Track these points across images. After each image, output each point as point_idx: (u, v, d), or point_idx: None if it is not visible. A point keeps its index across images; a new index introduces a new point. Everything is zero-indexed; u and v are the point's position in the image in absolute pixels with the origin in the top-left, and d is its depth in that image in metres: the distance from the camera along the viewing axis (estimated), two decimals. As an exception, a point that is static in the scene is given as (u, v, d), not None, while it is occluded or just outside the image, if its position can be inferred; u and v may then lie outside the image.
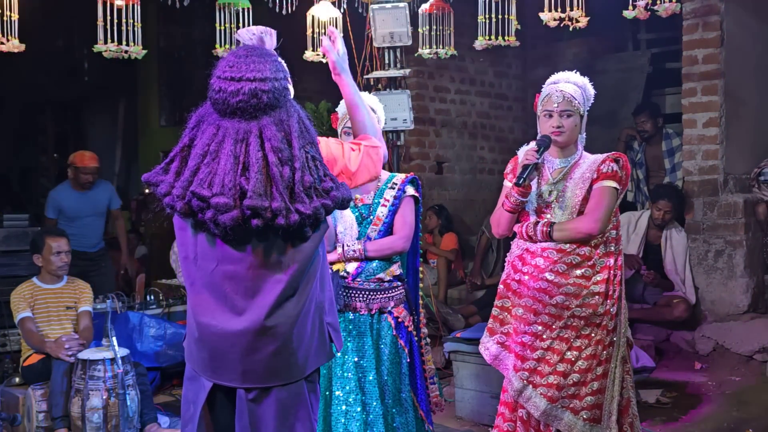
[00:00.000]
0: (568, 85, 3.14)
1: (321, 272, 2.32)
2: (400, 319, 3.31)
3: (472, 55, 7.49)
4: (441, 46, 5.04)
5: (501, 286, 3.29)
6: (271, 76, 2.15)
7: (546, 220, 3.14)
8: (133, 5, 4.39)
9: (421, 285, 3.52)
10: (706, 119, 5.83)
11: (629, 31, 8.28)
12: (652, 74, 7.81)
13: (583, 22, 4.26)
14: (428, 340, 3.51)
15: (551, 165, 3.21)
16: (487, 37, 4.67)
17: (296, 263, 2.20)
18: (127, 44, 4.40)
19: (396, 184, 3.36)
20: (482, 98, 8.31)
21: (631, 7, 4.09)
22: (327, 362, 2.35)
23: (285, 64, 2.27)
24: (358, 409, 3.18)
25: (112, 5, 4.35)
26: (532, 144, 3.14)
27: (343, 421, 3.18)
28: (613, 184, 3.10)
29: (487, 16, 4.62)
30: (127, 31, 4.38)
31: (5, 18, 4.17)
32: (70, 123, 12.53)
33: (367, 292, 3.27)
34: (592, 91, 3.23)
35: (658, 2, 4.04)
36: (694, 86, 5.88)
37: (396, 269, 3.35)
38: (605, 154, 3.19)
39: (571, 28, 4.30)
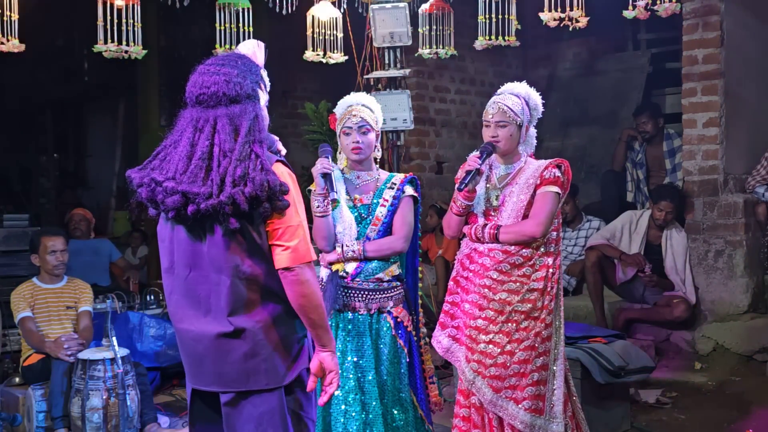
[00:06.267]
0: (509, 97, 3.31)
1: None
2: (399, 319, 3.31)
3: (472, 55, 7.49)
4: (441, 46, 5.04)
5: (451, 283, 3.44)
6: (231, 72, 2.30)
7: (493, 223, 3.29)
8: (133, 5, 4.39)
9: (420, 285, 3.53)
10: (706, 119, 5.83)
11: (629, 31, 8.27)
12: (652, 74, 7.80)
13: (583, 22, 4.26)
14: (427, 339, 3.51)
15: (497, 170, 3.39)
16: (487, 37, 4.68)
17: (250, 264, 2.25)
18: (127, 44, 4.40)
19: (395, 184, 3.37)
20: (482, 98, 8.27)
21: (631, 7, 4.09)
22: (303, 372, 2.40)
23: (264, 74, 2.44)
24: (358, 408, 3.17)
25: (112, 5, 4.35)
26: (477, 151, 3.31)
27: (342, 420, 3.18)
28: (555, 189, 3.25)
29: (487, 16, 4.62)
30: (127, 31, 4.38)
31: (5, 18, 4.17)
32: (70, 123, 12.51)
33: (366, 292, 3.28)
34: (537, 100, 3.37)
35: (658, 2, 4.04)
36: (694, 86, 5.88)
37: (395, 269, 3.35)
38: (548, 161, 3.33)
39: (571, 28, 4.30)
